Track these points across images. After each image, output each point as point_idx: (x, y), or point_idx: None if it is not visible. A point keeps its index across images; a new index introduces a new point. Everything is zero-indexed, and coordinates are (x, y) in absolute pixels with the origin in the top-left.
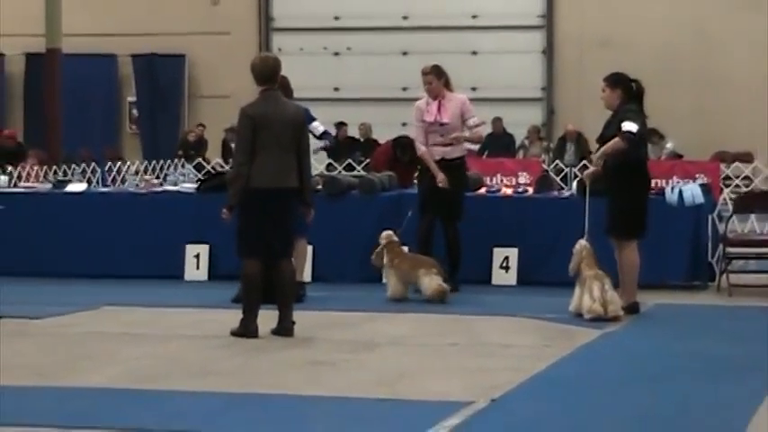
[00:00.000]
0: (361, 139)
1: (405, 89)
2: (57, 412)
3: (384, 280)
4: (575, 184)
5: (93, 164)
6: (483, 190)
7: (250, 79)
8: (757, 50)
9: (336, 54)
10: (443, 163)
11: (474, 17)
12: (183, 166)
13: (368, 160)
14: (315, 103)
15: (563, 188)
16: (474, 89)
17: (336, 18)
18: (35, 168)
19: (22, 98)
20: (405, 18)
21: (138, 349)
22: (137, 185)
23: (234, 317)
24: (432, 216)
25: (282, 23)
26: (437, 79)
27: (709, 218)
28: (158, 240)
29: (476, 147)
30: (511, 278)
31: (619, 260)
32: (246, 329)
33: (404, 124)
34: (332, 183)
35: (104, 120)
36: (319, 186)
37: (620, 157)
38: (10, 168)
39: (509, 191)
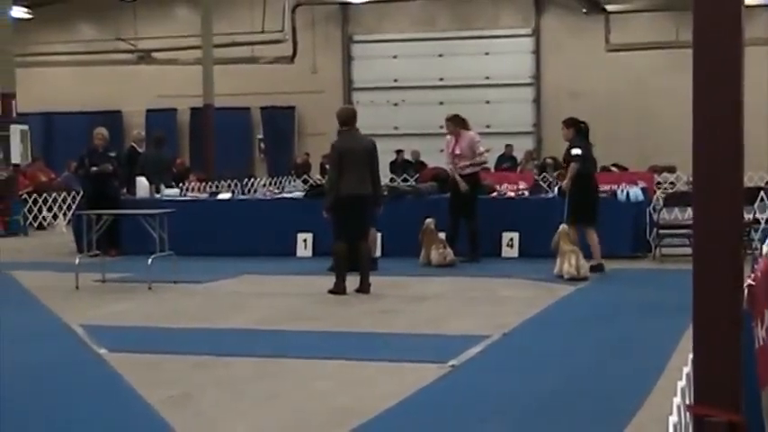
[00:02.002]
0: (413, 161)
1: (441, 127)
2: (211, 345)
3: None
4: (556, 189)
5: (235, 180)
6: (494, 194)
7: (336, 122)
8: (677, 95)
9: (395, 104)
10: (462, 177)
11: (487, 78)
12: (294, 180)
13: (417, 175)
14: (381, 137)
15: (548, 192)
16: (488, 126)
17: (395, 80)
18: (195, 184)
19: (188, 137)
20: (441, 79)
21: (264, 303)
22: (264, 194)
23: (329, 281)
24: (457, 214)
25: (359, 84)
26: (453, 125)
27: (647, 210)
28: (278, 230)
29: (480, 167)
30: (514, 252)
31: (586, 238)
32: (338, 288)
33: (441, 150)
34: (393, 190)
35: (242, 150)
36: (386, 192)
37: (578, 168)
38: (181, 184)
39: (512, 194)
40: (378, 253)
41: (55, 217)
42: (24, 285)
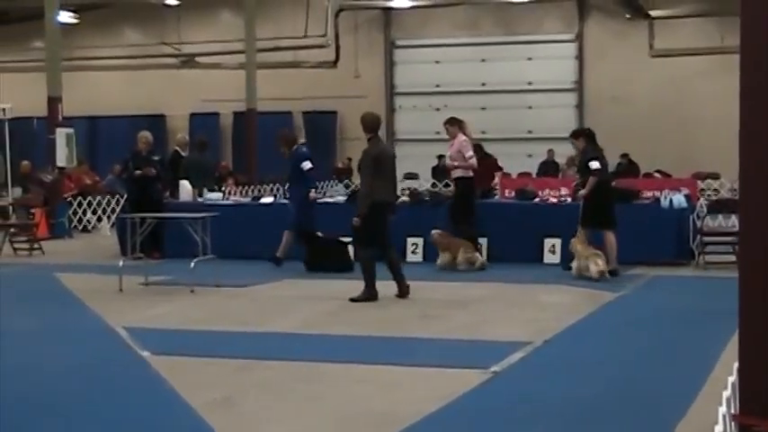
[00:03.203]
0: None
1: (483, 132)
2: (253, 348)
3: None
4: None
5: (277, 185)
6: (536, 199)
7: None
8: (721, 101)
9: (437, 109)
10: (454, 180)
11: (529, 83)
12: (336, 185)
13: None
14: (423, 142)
15: None
16: (530, 131)
17: (437, 85)
18: (233, 187)
19: (231, 141)
20: (483, 84)
21: (306, 306)
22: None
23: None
24: (455, 219)
25: (401, 89)
26: (451, 126)
27: (690, 217)
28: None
29: (470, 171)
30: (556, 258)
31: (604, 242)
32: (372, 295)
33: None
34: (435, 196)
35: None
36: (427, 198)
37: (595, 181)
38: (223, 187)
39: (554, 200)
40: (420, 258)
41: (99, 220)
42: (69, 287)
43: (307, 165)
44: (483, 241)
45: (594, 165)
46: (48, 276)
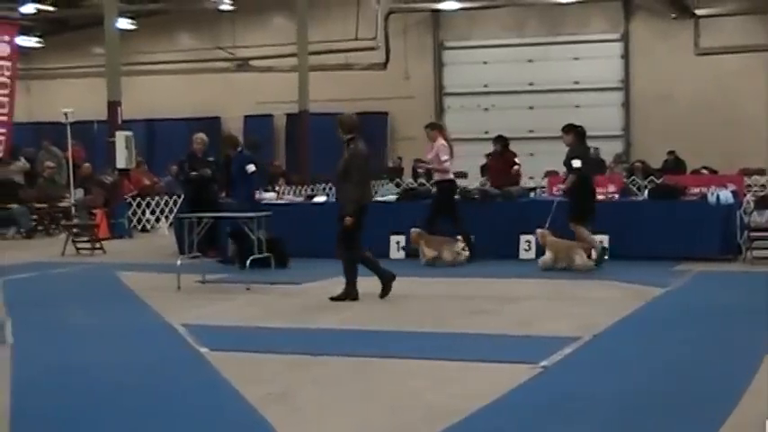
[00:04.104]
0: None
1: (531, 131)
2: (308, 344)
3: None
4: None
5: (330, 184)
6: None
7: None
8: (766, 97)
9: (486, 109)
10: (433, 183)
11: (576, 82)
12: (387, 184)
13: None
14: (471, 141)
15: (637, 195)
16: None
17: (485, 85)
18: (284, 187)
19: (284, 142)
20: (530, 84)
21: (359, 304)
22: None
23: (423, 282)
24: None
25: (450, 90)
26: (431, 131)
27: (737, 213)
28: (372, 232)
29: (447, 175)
30: (606, 253)
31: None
32: (351, 293)
33: (531, 154)
34: (484, 194)
35: (336, 155)
36: (477, 196)
37: (576, 179)
38: (276, 187)
39: (602, 197)
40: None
41: (157, 220)
42: (130, 286)
43: (251, 168)
44: (532, 238)
45: (576, 163)
46: (109, 275)
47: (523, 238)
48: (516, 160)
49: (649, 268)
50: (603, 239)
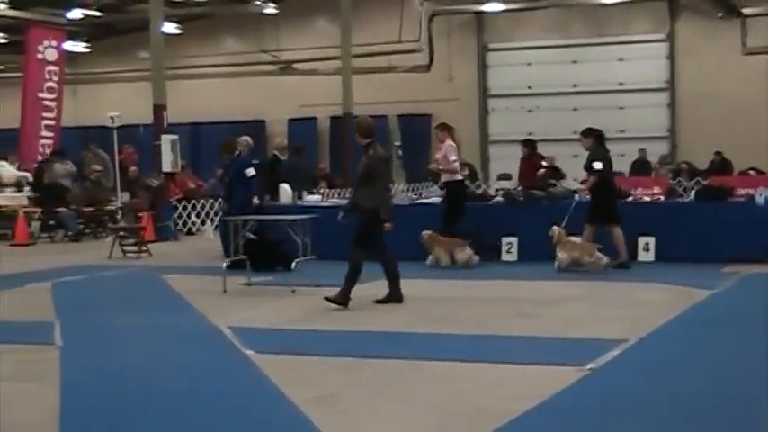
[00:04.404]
0: (547, 167)
1: (575, 133)
2: (354, 346)
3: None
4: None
5: None
6: (629, 198)
7: (472, 128)
8: None
9: (530, 111)
10: (443, 183)
11: (620, 83)
12: (431, 186)
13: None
14: (516, 144)
15: (683, 196)
16: (622, 131)
17: (529, 87)
18: (325, 190)
19: (328, 144)
20: (574, 86)
21: (404, 306)
22: (402, 200)
23: (465, 285)
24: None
25: (494, 92)
26: (440, 132)
27: None
28: (416, 235)
29: (456, 175)
30: (650, 256)
31: (611, 238)
32: (346, 298)
33: (575, 156)
34: (529, 195)
35: None
36: (521, 198)
37: (596, 180)
38: (320, 189)
39: (647, 198)
40: (515, 257)
41: (203, 223)
42: (176, 288)
43: (250, 172)
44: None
45: (598, 165)
46: (155, 278)
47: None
48: (543, 163)
49: (696, 270)
50: (650, 241)
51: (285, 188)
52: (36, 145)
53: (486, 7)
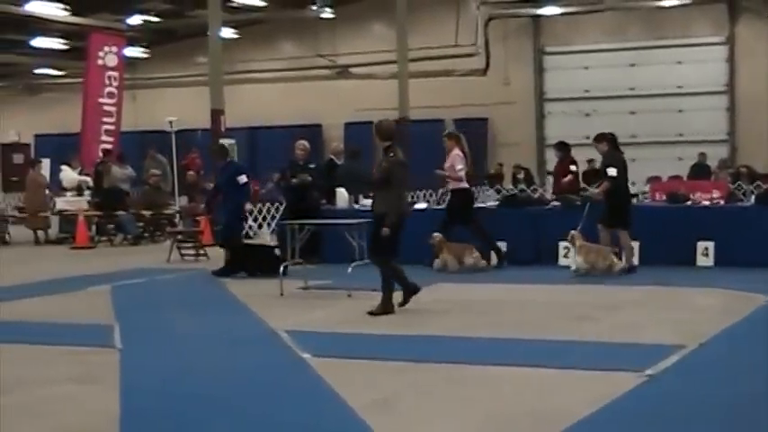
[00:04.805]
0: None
1: (633, 136)
2: (410, 350)
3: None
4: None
5: (430, 190)
6: (689, 202)
7: (528, 132)
8: None
9: (587, 115)
10: (450, 191)
11: (679, 87)
12: (488, 190)
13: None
14: (572, 147)
15: (743, 200)
16: (680, 135)
17: (586, 91)
18: None
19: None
20: (632, 89)
21: (460, 310)
22: None
23: (527, 289)
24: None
25: (551, 95)
26: (448, 141)
27: None
28: (466, 237)
29: (462, 184)
30: (709, 261)
31: (620, 241)
32: (390, 308)
33: (633, 160)
34: (586, 199)
35: (436, 162)
36: (578, 202)
37: (610, 186)
38: None
39: (707, 202)
40: (572, 261)
41: (260, 226)
42: (233, 292)
43: (243, 178)
44: (635, 244)
45: (612, 171)
46: (213, 281)
47: None
48: (572, 168)
49: (756, 275)
50: (709, 246)
51: (342, 192)
52: (96, 149)
53: (544, 11)
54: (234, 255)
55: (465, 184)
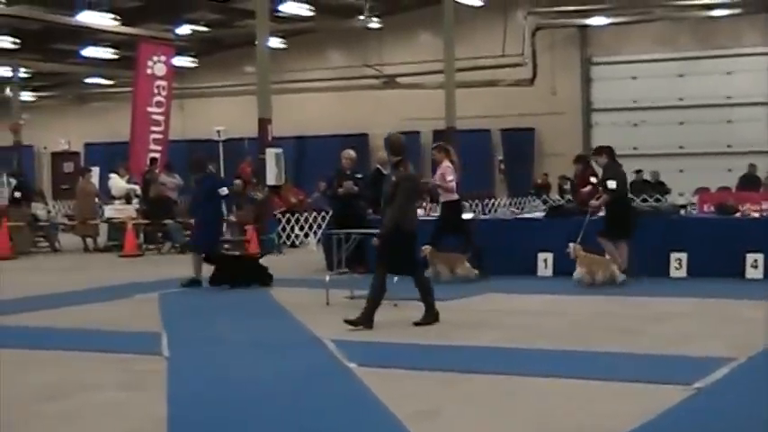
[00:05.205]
0: (652, 182)
1: (681, 147)
2: (457, 361)
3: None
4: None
5: (476, 200)
6: (738, 214)
7: (576, 142)
8: None
9: (635, 125)
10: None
11: (728, 97)
12: (534, 200)
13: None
14: (620, 158)
15: None
16: (729, 146)
17: (634, 101)
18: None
19: (431, 159)
20: (680, 99)
21: (508, 321)
22: (505, 214)
23: (573, 300)
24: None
25: (598, 106)
26: (437, 153)
27: None
28: (519, 249)
29: (452, 195)
30: (758, 273)
31: (619, 250)
32: (434, 317)
33: (681, 170)
34: (635, 210)
35: (482, 171)
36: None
37: (609, 198)
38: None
39: (756, 214)
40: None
41: (306, 236)
42: (279, 301)
43: (224, 191)
44: (683, 256)
45: (611, 184)
46: (259, 290)
47: (674, 256)
48: (592, 179)
49: None
50: (758, 258)
51: None
52: (145, 158)
53: (591, 21)
54: (216, 267)
55: (456, 196)
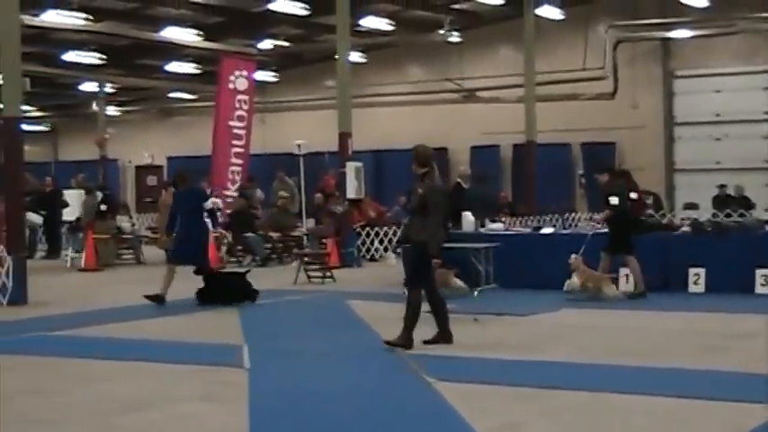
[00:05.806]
0: (736, 196)
1: (766, 161)
2: (535, 376)
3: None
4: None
5: (556, 215)
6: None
7: (657, 157)
8: None
9: (717, 139)
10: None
11: None
12: None
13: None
14: (703, 172)
15: None
16: None
17: (717, 115)
18: (507, 218)
19: (511, 173)
20: (765, 113)
21: (586, 336)
22: (585, 228)
23: (648, 315)
24: None
25: (681, 119)
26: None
27: None
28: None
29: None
30: None
31: (627, 267)
32: (408, 340)
33: (766, 185)
34: (717, 226)
35: (562, 185)
36: (710, 228)
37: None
38: (503, 217)
39: None
40: (702, 289)
41: (386, 249)
42: (359, 314)
43: (208, 204)
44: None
45: (614, 200)
46: (339, 303)
47: (759, 272)
48: (632, 195)
49: None
50: None
51: (468, 215)
52: (226, 172)
53: (674, 34)
54: (206, 283)
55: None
